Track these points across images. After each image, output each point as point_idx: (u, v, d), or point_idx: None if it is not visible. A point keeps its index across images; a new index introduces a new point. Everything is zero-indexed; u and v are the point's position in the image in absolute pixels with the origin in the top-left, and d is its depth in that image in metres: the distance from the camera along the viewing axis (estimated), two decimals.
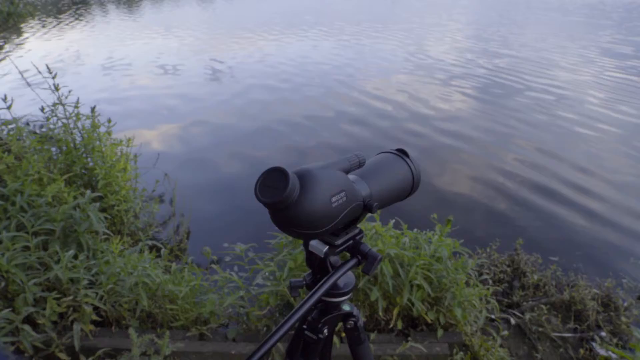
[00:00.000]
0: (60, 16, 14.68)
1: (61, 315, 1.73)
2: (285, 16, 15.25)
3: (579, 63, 8.63)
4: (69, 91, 2.63)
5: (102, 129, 2.70)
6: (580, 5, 20.37)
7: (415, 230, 1.92)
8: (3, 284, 1.61)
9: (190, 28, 12.61)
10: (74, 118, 2.62)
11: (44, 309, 1.60)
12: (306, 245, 0.67)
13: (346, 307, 0.79)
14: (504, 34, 12.35)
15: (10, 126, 2.55)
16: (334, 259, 0.69)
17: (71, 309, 1.71)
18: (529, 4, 20.83)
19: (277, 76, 7.28)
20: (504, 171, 3.98)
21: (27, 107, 3.15)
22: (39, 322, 1.61)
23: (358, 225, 0.70)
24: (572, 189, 3.68)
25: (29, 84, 2.97)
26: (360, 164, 0.65)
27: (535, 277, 2.34)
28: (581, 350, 1.90)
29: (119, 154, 2.78)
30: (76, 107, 2.64)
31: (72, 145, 2.62)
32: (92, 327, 1.75)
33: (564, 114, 5.59)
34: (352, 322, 0.81)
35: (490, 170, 3.99)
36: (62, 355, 1.63)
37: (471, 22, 15.17)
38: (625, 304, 2.13)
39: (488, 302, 1.94)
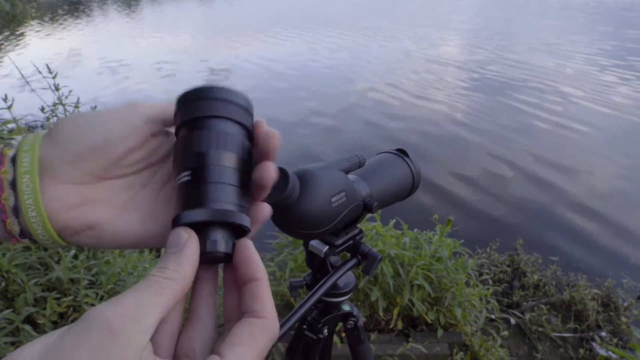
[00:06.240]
0: (61, 16, 14.68)
1: (61, 315, 1.73)
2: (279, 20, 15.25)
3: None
4: (69, 91, 2.62)
5: None
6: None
7: (415, 230, 1.92)
8: (3, 284, 1.61)
9: (191, 28, 12.60)
10: None
11: (44, 309, 1.60)
12: (306, 245, 0.67)
13: (346, 307, 0.79)
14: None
15: (10, 125, 2.55)
16: (334, 259, 0.69)
17: (71, 309, 1.71)
18: None
19: (278, 75, 7.28)
20: (504, 170, 3.98)
21: (28, 107, 3.15)
22: (39, 322, 1.62)
23: (358, 225, 0.70)
24: (572, 189, 3.68)
25: (29, 84, 2.97)
26: (360, 164, 0.65)
27: (535, 277, 2.35)
28: (581, 350, 1.90)
29: None
30: (76, 107, 2.63)
31: None
32: None
33: (567, 113, 5.59)
34: (352, 322, 0.81)
35: (490, 170, 3.99)
36: None
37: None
38: (625, 304, 2.14)
39: (488, 302, 1.95)
